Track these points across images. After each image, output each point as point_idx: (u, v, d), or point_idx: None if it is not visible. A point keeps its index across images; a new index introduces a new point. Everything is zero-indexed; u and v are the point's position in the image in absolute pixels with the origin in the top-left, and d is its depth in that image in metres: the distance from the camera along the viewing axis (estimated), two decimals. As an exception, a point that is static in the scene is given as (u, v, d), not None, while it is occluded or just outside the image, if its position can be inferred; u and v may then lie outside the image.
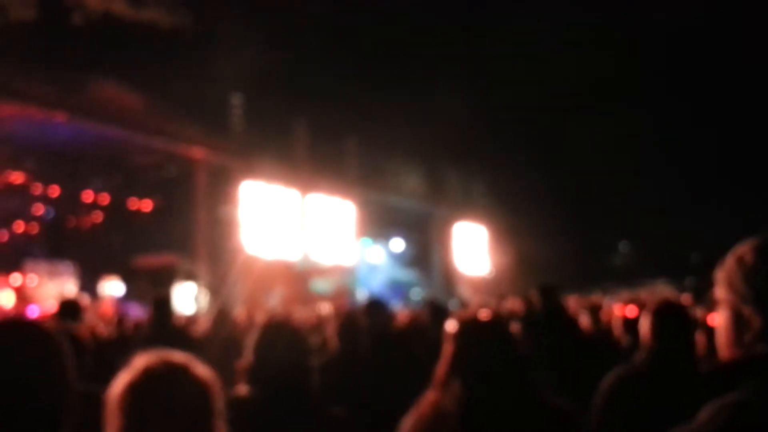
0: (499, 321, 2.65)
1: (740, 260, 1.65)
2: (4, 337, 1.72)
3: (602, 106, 34.25)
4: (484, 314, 2.67)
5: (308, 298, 23.43)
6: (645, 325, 3.40)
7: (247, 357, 2.86)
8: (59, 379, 1.71)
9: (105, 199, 24.34)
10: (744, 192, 36.29)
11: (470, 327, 2.57)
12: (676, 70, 36.43)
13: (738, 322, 1.63)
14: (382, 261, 31.04)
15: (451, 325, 2.61)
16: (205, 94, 22.84)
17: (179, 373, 1.77)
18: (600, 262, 41.41)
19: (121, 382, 1.77)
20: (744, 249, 1.67)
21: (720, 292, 1.69)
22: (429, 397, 2.54)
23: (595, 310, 7.71)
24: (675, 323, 3.36)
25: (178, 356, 1.82)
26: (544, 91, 32.79)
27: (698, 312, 7.86)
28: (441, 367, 2.53)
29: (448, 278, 33.53)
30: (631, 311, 5.37)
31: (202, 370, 1.81)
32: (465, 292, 28.60)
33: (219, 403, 1.81)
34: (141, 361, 1.79)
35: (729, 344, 1.65)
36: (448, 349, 2.53)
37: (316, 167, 26.54)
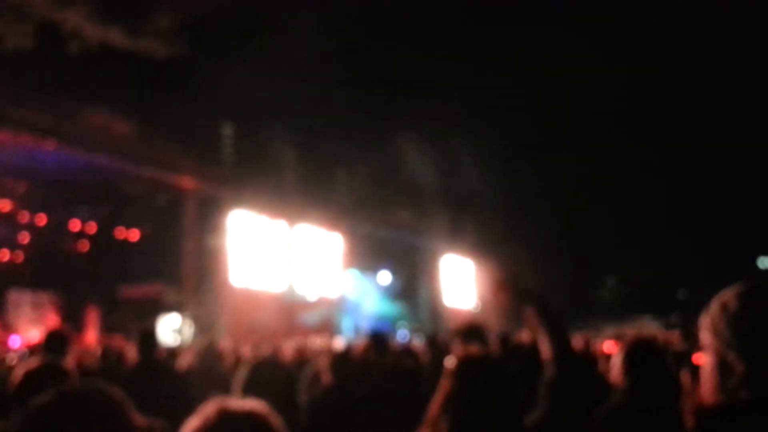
0: (497, 360, 2.61)
1: (724, 307, 1.68)
2: (76, 408, 1.73)
3: (591, 141, 34.51)
4: (481, 352, 2.63)
5: (295, 330, 23.29)
6: (617, 365, 3.37)
7: (235, 394, 2.84)
8: None
9: (92, 228, 24.21)
10: (731, 229, 36.50)
11: (469, 365, 2.51)
12: (669, 105, 36.79)
13: (722, 367, 1.65)
14: (369, 293, 30.93)
15: (449, 362, 2.56)
16: (196, 124, 22.90)
17: (251, 421, 1.70)
18: (587, 296, 41.43)
19: (188, 428, 1.68)
20: (728, 295, 1.69)
21: (705, 337, 1.71)
22: None
23: (587, 347, 7.71)
24: (646, 361, 3.31)
25: (249, 403, 1.74)
26: (533, 126, 33.04)
27: (685, 349, 7.89)
28: (435, 405, 2.47)
29: (435, 311, 33.42)
30: (613, 348, 5.35)
31: (275, 418, 1.75)
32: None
33: None
34: (211, 406, 1.72)
35: (713, 389, 1.67)
36: (444, 386, 2.48)
37: (304, 198, 26.54)
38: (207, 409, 1.68)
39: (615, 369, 3.35)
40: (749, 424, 1.57)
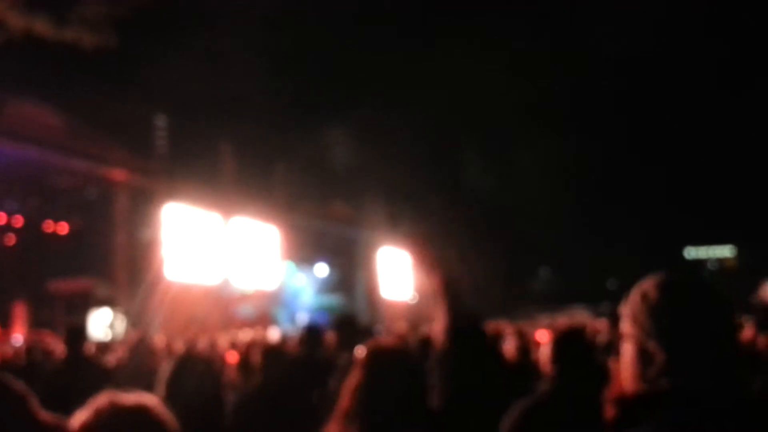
0: (406, 351, 2.58)
1: (644, 296, 1.70)
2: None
3: (525, 134, 35.02)
4: (392, 343, 2.61)
5: (231, 323, 23.06)
6: (545, 354, 3.41)
7: (160, 390, 2.79)
8: None
9: (19, 221, 23.50)
10: (659, 220, 37.49)
11: (378, 356, 2.47)
12: (601, 100, 37.55)
13: (643, 356, 1.67)
14: (305, 286, 30.86)
15: (359, 352, 2.53)
16: (128, 116, 22.44)
17: (140, 415, 1.68)
18: (521, 286, 42.10)
19: (77, 420, 1.67)
20: (648, 285, 1.72)
21: (625, 326, 1.74)
22: None
23: (521, 336, 7.79)
24: (573, 350, 3.35)
25: (139, 397, 1.72)
26: (469, 117, 33.36)
27: (612, 337, 8.06)
28: (345, 398, 2.41)
29: (372, 303, 33.53)
30: (545, 337, 5.42)
31: (164, 412, 1.71)
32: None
33: None
34: (102, 400, 1.69)
35: (634, 378, 1.69)
36: (354, 379, 2.43)
37: (240, 191, 26.29)
38: (97, 403, 1.67)
39: (543, 358, 3.40)
40: (669, 412, 1.59)
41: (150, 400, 1.71)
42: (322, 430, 2.46)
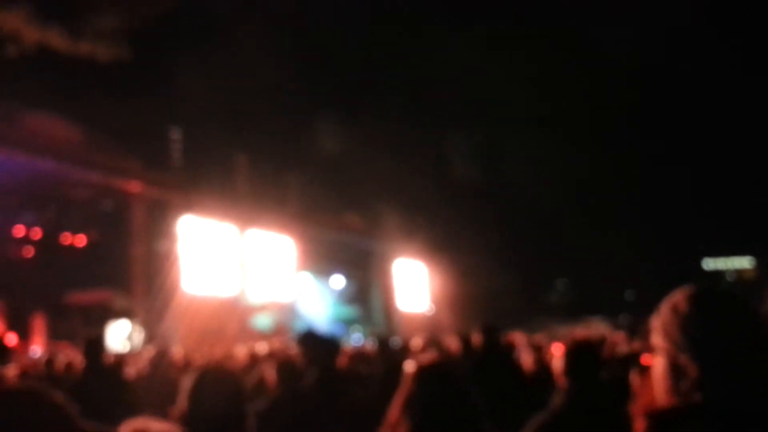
0: (454, 366, 2.64)
1: (675, 309, 1.67)
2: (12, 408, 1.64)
3: (544, 145, 34.94)
4: (440, 358, 2.67)
5: (248, 335, 23.07)
6: (558, 366, 3.41)
7: (182, 402, 2.77)
8: None
9: (37, 233, 23.66)
10: (677, 232, 37.25)
11: (428, 370, 2.54)
12: (618, 112, 37.42)
13: (674, 369, 1.65)
14: (322, 297, 30.85)
15: (410, 367, 2.58)
16: (144, 128, 22.60)
17: None
18: (538, 298, 41.91)
19: None
20: (678, 297, 1.69)
21: (656, 339, 1.71)
22: None
23: (538, 349, 7.75)
24: (586, 364, 3.35)
25: (168, 427, 1.71)
26: (486, 134, 33.34)
27: (632, 350, 7.97)
28: (394, 409, 2.50)
29: (389, 315, 33.47)
30: (560, 349, 5.37)
31: None
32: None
33: None
34: (132, 425, 1.67)
35: (666, 392, 1.66)
36: (403, 391, 2.50)
37: (256, 202, 26.36)
38: (127, 428, 1.65)
39: (556, 370, 3.39)
40: (701, 426, 1.57)
41: (173, 429, 1.69)
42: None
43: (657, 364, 1.70)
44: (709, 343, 1.62)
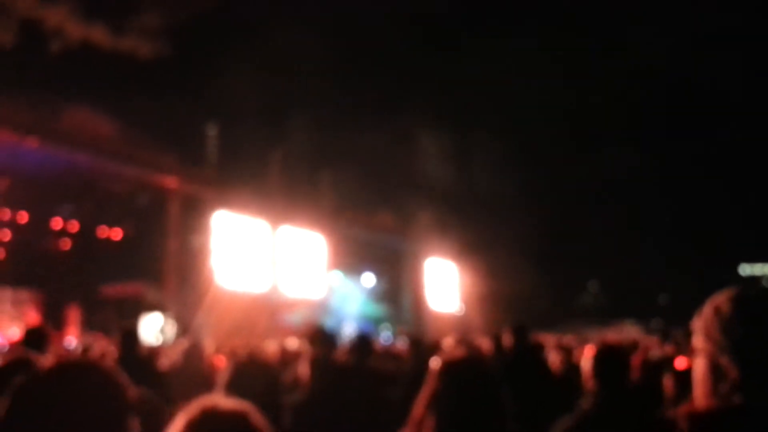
0: (482, 362, 2.60)
1: (717, 310, 1.66)
2: (68, 380, 1.70)
3: (579, 149, 34.67)
4: (467, 354, 2.63)
5: (278, 331, 23.19)
6: (587, 370, 3.41)
7: (218, 394, 2.81)
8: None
9: (74, 226, 24.02)
10: (714, 236, 36.74)
11: (454, 366, 2.51)
12: (657, 114, 37.05)
13: (715, 371, 1.64)
14: (353, 295, 30.91)
15: (435, 363, 2.56)
16: (180, 124, 22.83)
17: (239, 421, 1.68)
18: (569, 301, 41.58)
19: (176, 425, 1.67)
20: (721, 299, 1.68)
21: (697, 341, 1.70)
22: None
23: (567, 350, 7.70)
24: (613, 367, 3.36)
25: (237, 403, 1.72)
26: (519, 134, 33.16)
27: (666, 354, 7.90)
28: (419, 406, 2.47)
29: (419, 314, 33.43)
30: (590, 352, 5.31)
31: (261, 420, 1.71)
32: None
33: None
34: (202, 402, 1.70)
35: (706, 393, 1.65)
36: (428, 388, 2.47)
37: (289, 199, 26.48)
38: (192, 408, 1.66)
39: (585, 373, 3.38)
40: (741, 428, 1.56)
41: (244, 405, 1.70)
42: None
43: (698, 365, 1.68)
44: (750, 345, 1.60)
